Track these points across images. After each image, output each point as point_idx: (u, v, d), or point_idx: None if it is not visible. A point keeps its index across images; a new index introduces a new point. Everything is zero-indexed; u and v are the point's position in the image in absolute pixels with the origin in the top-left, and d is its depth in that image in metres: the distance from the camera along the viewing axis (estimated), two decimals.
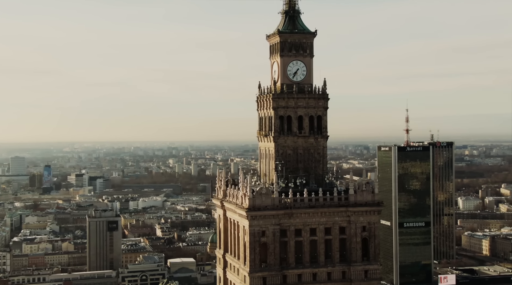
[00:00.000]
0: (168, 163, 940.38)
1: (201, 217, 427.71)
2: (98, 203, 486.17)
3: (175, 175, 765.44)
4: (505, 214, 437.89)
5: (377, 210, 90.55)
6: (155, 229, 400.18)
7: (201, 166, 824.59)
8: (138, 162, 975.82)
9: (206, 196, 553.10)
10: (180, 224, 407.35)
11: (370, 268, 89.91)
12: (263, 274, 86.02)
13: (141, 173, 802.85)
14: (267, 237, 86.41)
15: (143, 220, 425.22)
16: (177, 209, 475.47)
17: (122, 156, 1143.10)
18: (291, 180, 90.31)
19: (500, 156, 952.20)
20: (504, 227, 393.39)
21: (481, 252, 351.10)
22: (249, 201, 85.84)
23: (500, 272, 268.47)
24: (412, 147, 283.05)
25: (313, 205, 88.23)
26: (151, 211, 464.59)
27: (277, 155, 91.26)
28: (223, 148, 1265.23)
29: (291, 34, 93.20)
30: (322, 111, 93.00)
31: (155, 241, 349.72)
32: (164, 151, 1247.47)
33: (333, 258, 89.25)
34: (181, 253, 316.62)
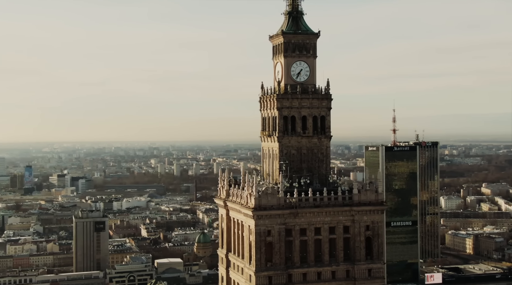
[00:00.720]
0: (150, 163, 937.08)
1: (186, 218, 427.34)
2: (82, 203, 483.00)
3: (158, 175, 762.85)
4: (487, 213, 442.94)
5: (380, 209, 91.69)
6: (140, 230, 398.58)
7: (183, 166, 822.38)
8: (119, 162, 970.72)
9: (190, 196, 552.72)
10: (165, 225, 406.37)
11: (374, 267, 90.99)
12: (268, 273, 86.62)
13: (123, 174, 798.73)
14: (272, 236, 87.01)
15: (128, 220, 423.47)
16: (161, 209, 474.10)
17: (103, 156, 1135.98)
18: (295, 179, 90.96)
19: (479, 155, 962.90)
20: (486, 225, 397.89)
21: (465, 251, 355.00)
22: (255, 200, 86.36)
23: (485, 271, 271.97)
24: (399, 147, 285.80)
25: (318, 204, 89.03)
26: (135, 211, 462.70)
27: (281, 155, 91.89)
28: (204, 148, 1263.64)
29: (295, 35, 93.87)
30: (326, 111, 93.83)
31: (141, 241, 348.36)
32: (145, 151, 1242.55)
33: (337, 257, 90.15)
34: (167, 253, 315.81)
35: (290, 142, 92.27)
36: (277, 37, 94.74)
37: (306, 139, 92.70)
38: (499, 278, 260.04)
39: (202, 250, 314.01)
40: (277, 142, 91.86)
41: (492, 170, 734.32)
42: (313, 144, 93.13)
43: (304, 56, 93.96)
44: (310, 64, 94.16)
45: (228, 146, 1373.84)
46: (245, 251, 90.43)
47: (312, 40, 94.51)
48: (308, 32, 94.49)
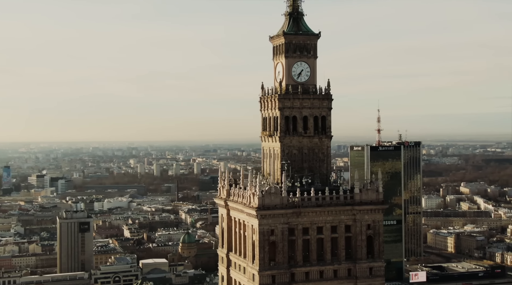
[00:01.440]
0: (129, 164, 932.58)
1: (169, 218, 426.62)
2: (62, 204, 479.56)
3: (137, 176, 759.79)
4: (466, 212, 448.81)
5: (381, 209, 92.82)
6: (122, 230, 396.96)
7: (163, 167, 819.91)
8: (98, 162, 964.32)
9: (172, 197, 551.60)
10: (148, 225, 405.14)
11: (374, 266, 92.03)
12: (272, 273, 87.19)
13: (102, 174, 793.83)
14: (276, 235, 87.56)
15: (110, 221, 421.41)
16: (143, 209, 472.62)
17: (81, 156, 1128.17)
18: (297, 179, 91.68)
19: (456, 155, 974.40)
20: (467, 224, 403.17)
21: (446, 249, 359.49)
22: (259, 200, 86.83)
23: (468, 269, 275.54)
24: (384, 147, 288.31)
25: (320, 204, 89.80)
26: (117, 212, 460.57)
27: (283, 155, 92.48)
28: (183, 148, 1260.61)
29: (296, 35, 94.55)
30: (326, 112, 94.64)
31: (124, 242, 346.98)
32: (123, 151, 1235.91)
33: (339, 256, 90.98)
34: (152, 253, 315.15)
35: (291, 142, 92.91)
36: (278, 38, 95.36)
37: (307, 139, 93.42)
38: (482, 276, 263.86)
39: (187, 250, 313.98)
40: (279, 142, 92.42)
41: (469, 170, 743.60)
42: (314, 144, 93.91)
43: (305, 57, 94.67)
44: (310, 65, 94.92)
45: (207, 146, 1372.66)
46: (247, 250, 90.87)
47: (313, 41, 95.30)
48: (309, 33, 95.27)
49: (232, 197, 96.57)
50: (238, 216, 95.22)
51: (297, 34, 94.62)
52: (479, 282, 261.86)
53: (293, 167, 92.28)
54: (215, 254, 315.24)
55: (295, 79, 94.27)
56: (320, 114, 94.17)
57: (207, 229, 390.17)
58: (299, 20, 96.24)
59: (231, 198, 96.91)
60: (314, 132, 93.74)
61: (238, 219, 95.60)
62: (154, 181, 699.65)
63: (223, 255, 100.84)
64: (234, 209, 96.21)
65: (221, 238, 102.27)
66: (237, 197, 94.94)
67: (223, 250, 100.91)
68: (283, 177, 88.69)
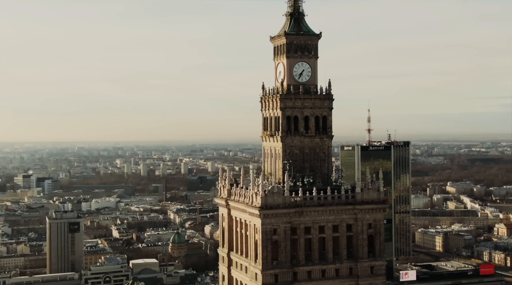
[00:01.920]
0: (116, 164, 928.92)
1: (157, 218, 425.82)
2: (49, 204, 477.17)
3: (124, 176, 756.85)
4: (453, 211, 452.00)
5: (382, 208, 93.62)
6: (111, 230, 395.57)
7: (150, 167, 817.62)
8: (84, 162, 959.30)
9: (160, 197, 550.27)
10: (136, 225, 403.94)
11: (375, 264, 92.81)
12: (275, 272, 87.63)
13: (88, 174, 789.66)
14: (278, 235, 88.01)
15: (98, 221, 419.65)
16: (131, 210, 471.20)
17: (66, 156, 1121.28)
18: (299, 179, 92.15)
19: (441, 155, 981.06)
20: (454, 223, 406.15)
21: (435, 248, 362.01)
22: (262, 199, 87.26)
23: (457, 267, 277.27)
24: (374, 147, 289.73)
25: (322, 203, 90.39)
26: (104, 212, 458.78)
27: (284, 154, 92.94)
28: (170, 148, 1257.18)
29: (297, 36, 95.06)
30: (327, 112, 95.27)
31: (113, 242, 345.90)
32: (109, 151, 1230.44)
33: (340, 255, 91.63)
34: (141, 254, 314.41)
35: (293, 142, 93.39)
36: (279, 38, 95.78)
37: (309, 139, 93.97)
38: (471, 275, 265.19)
39: (177, 250, 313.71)
40: (280, 141, 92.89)
41: (455, 169, 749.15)
42: (315, 144, 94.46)
43: (306, 57, 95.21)
44: (311, 65, 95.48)
45: (193, 146, 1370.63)
46: (250, 249, 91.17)
47: (314, 41, 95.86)
48: (310, 33, 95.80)
49: (234, 197, 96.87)
50: (239, 215, 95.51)
51: (298, 35, 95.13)
52: (468, 280, 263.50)
53: (295, 167, 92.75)
54: (205, 254, 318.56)
55: (297, 79, 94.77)
56: (321, 114, 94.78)
57: (196, 229, 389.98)
58: (300, 21, 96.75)
59: (233, 197, 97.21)
60: (315, 132, 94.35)
61: (239, 219, 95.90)
62: (141, 181, 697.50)
63: (224, 254, 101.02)
64: (235, 209, 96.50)
65: (222, 237, 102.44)
66: (238, 196, 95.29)
67: (223, 249, 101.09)
68: (286, 177, 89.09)
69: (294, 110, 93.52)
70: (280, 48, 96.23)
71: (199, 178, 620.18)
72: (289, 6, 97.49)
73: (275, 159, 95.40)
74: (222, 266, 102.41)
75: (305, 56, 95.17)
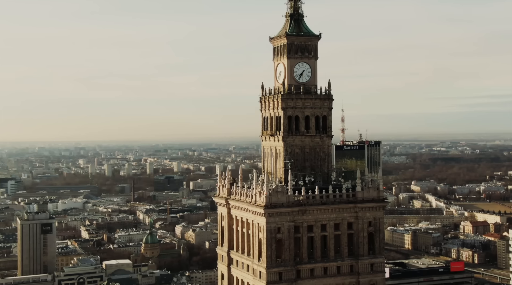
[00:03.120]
0: (78, 164, 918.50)
1: (127, 219, 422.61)
2: (15, 205, 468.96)
3: (88, 176, 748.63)
4: (420, 210, 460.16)
5: (382, 206, 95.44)
6: (80, 231, 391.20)
7: (114, 167, 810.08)
8: (46, 163, 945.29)
9: (127, 197, 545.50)
10: (106, 226, 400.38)
11: (375, 262, 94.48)
12: (279, 270, 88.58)
13: (51, 174, 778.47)
14: (282, 233, 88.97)
15: (66, 222, 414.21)
16: (99, 210, 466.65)
17: (27, 156, 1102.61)
18: (300, 178, 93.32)
19: (404, 154, 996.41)
20: (421, 221, 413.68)
21: (404, 246, 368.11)
22: (266, 198, 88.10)
23: (428, 265, 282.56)
24: (349, 146, 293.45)
25: (324, 201, 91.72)
26: (72, 213, 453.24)
27: (286, 154, 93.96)
28: (133, 148, 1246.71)
29: (298, 36, 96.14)
30: (327, 111, 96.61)
31: (84, 243, 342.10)
32: (71, 152, 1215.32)
33: (342, 252, 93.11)
34: (113, 254, 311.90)
35: (294, 141, 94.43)
36: (280, 39, 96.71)
37: (309, 138, 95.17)
38: (442, 272, 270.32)
39: (150, 250, 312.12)
40: (282, 141, 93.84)
41: (417, 168, 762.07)
42: (316, 143, 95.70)
43: (306, 58, 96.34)
44: (311, 65, 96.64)
45: (157, 146, 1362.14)
46: (253, 248, 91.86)
47: (314, 42, 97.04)
48: (310, 34, 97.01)
49: (235, 196, 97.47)
50: (240, 214, 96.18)
51: (299, 35, 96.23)
52: (439, 277, 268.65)
53: (296, 166, 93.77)
54: (179, 254, 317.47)
55: (297, 79, 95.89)
56: (321, 114, 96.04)
57: (167, 229, 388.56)
58: (300, 22, 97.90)
59: (233, 196, 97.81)
60: (316, 131, 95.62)
61: (240, 218, 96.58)
62: (107, 182, 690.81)
63: (223, 253, 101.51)
64: (236, 208, 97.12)
65: (221, 236, 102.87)
66: (239, 195, 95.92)
67: (223, 248, 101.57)
68: (290, 176, 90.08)
69: (295, 110, 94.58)
70: (280, 48, 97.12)
71: (166, 178, 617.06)
72: (289, 7, 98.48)
73: (275, 159, 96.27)
74: (221, 265, 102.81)
75: (305, 57, 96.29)
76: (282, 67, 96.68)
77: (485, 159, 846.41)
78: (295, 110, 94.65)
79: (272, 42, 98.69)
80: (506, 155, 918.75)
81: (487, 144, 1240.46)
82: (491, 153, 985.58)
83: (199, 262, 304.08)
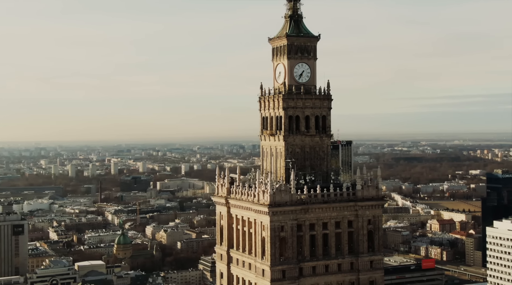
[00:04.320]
0: (40, 164, 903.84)
1: (96, 219, 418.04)
2: None
3: (52, 177, 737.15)
4: (387, 208, 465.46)
5: (381, 204, 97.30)
6: (48, 233, 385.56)
7: (77, 167, 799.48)
8: (7, 163, 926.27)
9: (94, 198, 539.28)
10: (74, 227, 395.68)
11: (375, 259, 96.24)
12: (282, 267, 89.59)
13: (13, 175, 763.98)
14: (285, 232, 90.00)
15: (33, 223, 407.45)
16: (66, 211, 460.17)
17: None
18: (301, 177, 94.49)
19: (367, 154, 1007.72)
20: (389, 220, 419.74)
21: None
22: (270, 197, 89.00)
23: (400, 262, 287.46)
24: None
25: (326, 200, 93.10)
26: (38, 214, 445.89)
27: (287, 153, 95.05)
28: (96, 149, 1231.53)
29: (298, 37, 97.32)
30: (326, 111, 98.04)
31: (53, 245, 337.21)
32: (31, 152, 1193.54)
33: (342, 250, 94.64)
34: (85, 256, 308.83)
35: (294, 141, 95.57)
36: (279, 39, 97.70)
37: (309, 138, 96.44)
38: (414, 269, 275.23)
39: (122, 251, 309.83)
40: (283, 140, 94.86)
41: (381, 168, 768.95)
42: (315, 143, 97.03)
43: (305, 58, 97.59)
44: (311, 66, 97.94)
45: (120, 146, 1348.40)
46: (256, 246, 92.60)
47: (313, 43, 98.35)
48: (309, 35, 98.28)
49: (235, 195, 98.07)
50: (241, 213, 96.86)
51: (299, 36, 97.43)
52: (411, 274, 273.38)
53: (296, 165, 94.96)
54: (152, 255, 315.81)
55: (297, 80, 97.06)
56: (320, 113, 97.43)
57: (137, 230, 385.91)
58: (299, 23, 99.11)
59: (234, 195, 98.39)
60: (315, 131, 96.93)
61: (241, 217, 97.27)
62: (71, 182, 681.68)
63: (222, 252, 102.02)
64: (237, 207, 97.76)
65: (219, 235, 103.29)
66: (240, 194, 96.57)
67: (222, 247, 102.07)
68: (292, 175, 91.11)
69: (296, 110, 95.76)
70: (280, 49, 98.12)
71: (133, 179, 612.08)
72: (288, 8, 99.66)
73: (275, 158, 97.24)
74: (220, 264, 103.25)
75: (304, 57, 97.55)
76: (282, 67, 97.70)
77: (446, 159, 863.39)
78: (296, 110, 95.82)
79: (271, 43, 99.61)
80: (466, 155, 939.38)
81: (447, 144, 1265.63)
82: (451, 152, 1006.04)
83: (173, 262, 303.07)
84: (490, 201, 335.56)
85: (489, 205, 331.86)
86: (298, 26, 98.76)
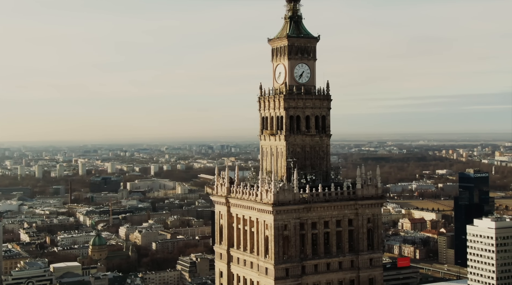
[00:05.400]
0: (5, 165, 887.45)
1: (68, 221, 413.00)
2: None
3: (18, 178, 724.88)
4: None
5: (380, 203, 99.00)
6: (18, 234, 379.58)
7: (44, 168, 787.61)
8: None
9: (64, 199, 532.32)
10: (46, 228, 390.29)
11: (374, 256, 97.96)
12: (286, 266, 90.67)
13: None
14: (288, 230, 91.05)
15: (3, 225, 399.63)
16: (36, 213, 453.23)
17: None
18: (302, 176, 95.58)
19: (335, 154, 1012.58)
20: None
21: None
22: (274, 196, 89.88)
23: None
24: None
25: (328, 199, 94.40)
26: (7, 215, 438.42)
27: (288, 153, 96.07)
28: (61, 149, 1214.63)
29: (298, 38, 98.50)
30: (326, 111, 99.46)
31: (26, 246, 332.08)
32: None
33: (343, 248, 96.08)
34: (59, 257, 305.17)
35: (295, 141, 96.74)
36: (280, 40, 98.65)
37: (310, 138, 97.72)
38: (389, 267, 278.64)
39: (97, 252, 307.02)
40: (284, 140, 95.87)
41: (350, 168, 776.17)
42: (315, 142, 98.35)
43: (305, 59, 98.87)
44: (310, 66, 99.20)
45: (86, 147, 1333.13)
46: (259, 245, 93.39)
47: (313, 44, 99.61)
48: (309, 36, 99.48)
49: (236, 194, 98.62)
50: (242, 212, 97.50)
51: (299, 37, 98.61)
52: (387, 273, 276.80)
53: (297, 165, 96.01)
54: (127, 256, 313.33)
55: (297, 80, 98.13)
56: (320, 114, 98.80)
57: (110, 231, 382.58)
58: (299, 24, 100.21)
59: (235, 195, 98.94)
60: (316, 131, 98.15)
61: (242, 216, 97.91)
62: (38, 183, 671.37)
63: (222, 251, 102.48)
64: (237, 206, 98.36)
65: (219, 235, 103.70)
66: (242, 194, 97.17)
67: (222, 246, 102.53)
68: (295, 174, 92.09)
69: (296, 110, 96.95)
70: (280, 49, 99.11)
71: (103, 179, 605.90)
72: (288, 9, 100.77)
73: (276, 158, 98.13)
74: (219, 263, 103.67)
75: (304, 58, 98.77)
76: (282, 67, 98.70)
77: (412, 159, 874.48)
78: (297, 110, 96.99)
79: (271, 44, 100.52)
80: (431, 155, 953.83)
81: (412, 144, 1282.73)
82: (417, 152, 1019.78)
83: (149, 263, 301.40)
84: (462, 200, 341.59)
85: (462, 204, 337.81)
86: (298, 27, 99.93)
